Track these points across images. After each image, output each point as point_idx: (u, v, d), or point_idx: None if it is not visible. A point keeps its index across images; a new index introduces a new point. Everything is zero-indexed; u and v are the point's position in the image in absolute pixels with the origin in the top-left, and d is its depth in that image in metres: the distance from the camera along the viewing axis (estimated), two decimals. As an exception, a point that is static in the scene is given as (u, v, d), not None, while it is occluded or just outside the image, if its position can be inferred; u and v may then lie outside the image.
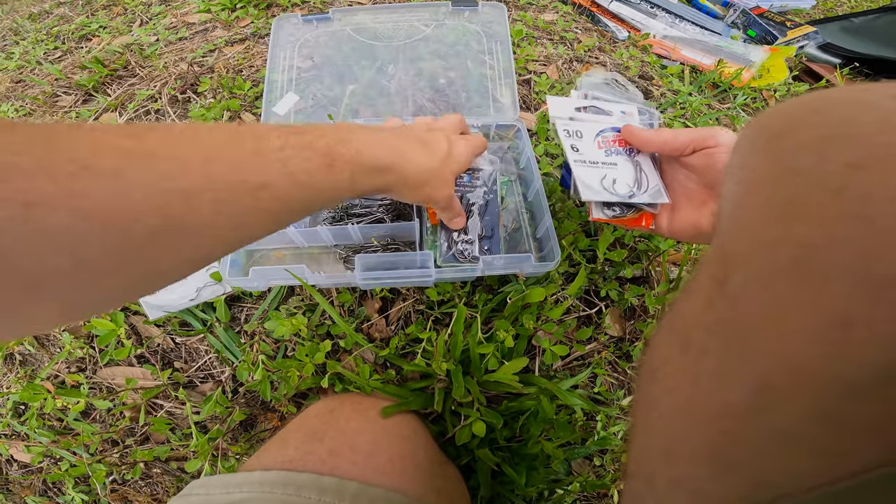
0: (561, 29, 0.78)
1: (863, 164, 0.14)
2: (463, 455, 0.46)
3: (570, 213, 0.52)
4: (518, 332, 0.46)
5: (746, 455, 0.15)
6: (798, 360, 0.14)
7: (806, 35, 0.89)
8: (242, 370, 0.49)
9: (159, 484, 0.59)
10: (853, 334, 0.13)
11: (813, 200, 0.15)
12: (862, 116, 0.15)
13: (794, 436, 0.14)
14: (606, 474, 0.54)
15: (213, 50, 0.76)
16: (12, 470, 0.62)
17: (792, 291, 0.14)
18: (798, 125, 0.17)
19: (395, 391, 0.44)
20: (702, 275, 0.20)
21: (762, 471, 0.15)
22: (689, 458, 0.18)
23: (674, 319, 0.21)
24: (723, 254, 0.18)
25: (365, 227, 0.45)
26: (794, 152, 0.16)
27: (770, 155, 0.17)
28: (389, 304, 0.50)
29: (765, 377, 0.15)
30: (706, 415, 0.17)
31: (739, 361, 0.16)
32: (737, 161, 0.20)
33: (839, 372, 0.13)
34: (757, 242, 0.16)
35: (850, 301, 0.13)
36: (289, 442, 0.37)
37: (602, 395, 0.52)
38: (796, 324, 0.14)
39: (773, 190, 0.16)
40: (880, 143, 0.14)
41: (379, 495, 0.32)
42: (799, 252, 0.14)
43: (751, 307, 0.16)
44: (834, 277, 0.13)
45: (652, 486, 0.19)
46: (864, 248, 0.13)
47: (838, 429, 0.14)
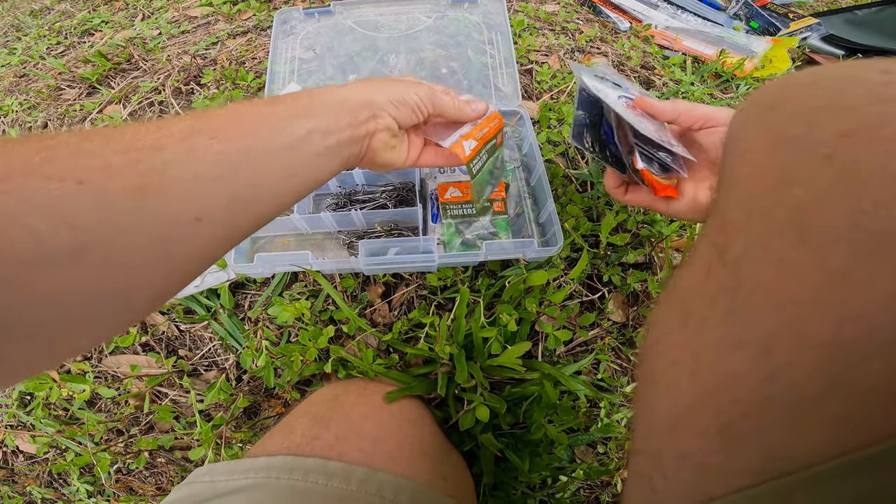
0: (562, 20, 0.78)
1: (853, 132, 0.14)
2: (466, 441, 0.46)
3: (573, 198, 0.52)
4: (521, 315, 0.46)
5: (757, 426, 0.15)
6: (803, 324, 0.14)
7: (809, 27, 0.89)
8: (246, 357, 0.49)
9: (164, 473, 0.60)
10: (857, 294, 0.13)
11: (807, 166, 0.15)
12: (852, 89, 0.15)
13: (805, 404, 0.14)
14: (610, 462, 0.54)
15: (215, 42, 0.76)
16: (18, 461, 0.62)
17: (791, 253, 0.14)
18: (790, 97, 0.17)
19: (399, 376, 0.44)
20: (701, 245, 0.20)
21: (775, 442, 0.15)
22: (696, 432, 0.17)
23: (673, 292, 0.21)
24: (722, 222, 0.18)
25: (368, 213, 0.45)
26: (787, 122, 0.17)
27: (764, 126, 0.18)
28: (392, 289, 0.50)
29: (770, 343, 0.15)
30: (712, 386, 0.17)
31: (743, 329, 0.16)
32: (733, 134, 0.20)
33: (845, 334, 0.13)
34: (755, 208, 0.16)
35: (850, 260, 0.13)
36: (294, 428, 0.36)
37: (605, 381, 0.52)
38: (798, 286, 0.14)
39: (768, 158, 0.17)
40: (869, 113, 0.14)
41: (387, 481, 0.32)
42: (796, 214, 0.15)
43: (752, 272, 0.16)
44: (832, 238, 0.13)
45: (659, 463, 0.19)
46: (861, 208, 0.13)
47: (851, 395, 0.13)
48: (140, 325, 0.53)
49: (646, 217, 0.54)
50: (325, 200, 0.51)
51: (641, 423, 0.22)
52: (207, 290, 0.51)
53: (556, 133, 0.59)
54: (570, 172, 0.56)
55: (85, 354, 0.56)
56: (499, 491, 0.48)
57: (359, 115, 0.31)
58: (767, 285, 0.15)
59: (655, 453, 0.20)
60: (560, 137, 0.59)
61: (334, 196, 0.51)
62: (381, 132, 0.33)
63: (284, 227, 0.49)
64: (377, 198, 0.48)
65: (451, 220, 0.47)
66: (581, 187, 0.56)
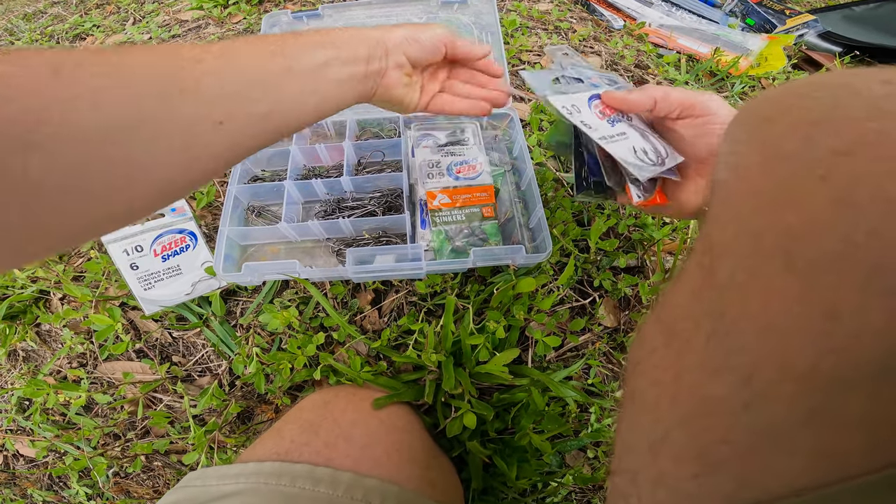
0: (556, 19, 0.77)
1: (850, 149, 0.13)
2: (455, 447, 0.46)
3: (563, 202, 0.52)
4: (509, 322, 0.46)
5: (732, 454, 0.15)
6: (786, 354, 0.14)
7: (805, 23, 0.88)
8: (238, 363, 0.49)
9: (160, 477, 0.60)
10: (843, 326, 0.12)
11: (799, 187, 0.14)
12: (850, 101, 0.14)
13: (782, 434, 0.14)
14: (601, 467, 0.54)
15: (206, 46, 0.76)
16: (18, 464, 0.63)
17: (778, 281, 0.14)
18: (787, 110, 0.17)
19: (388, 383, 0.44)
20: (690, 264, 0.19)
21: (749, 471, 0.15)
22: (672, 455, 0.17)
23: (661, 310, 0.21)
24: (710, 243, 0.18)
25: (356, 221, 0.45)
26: (782, 137, 0.16)
27: (758, 140, 0.17)
28: (382, 296, 0.50)
29: (751, 372, 0.14)
30: (691, 410, 0.17)
31: (725, 355, 0.15)
32: (727, 147, 0.19)
33: (829, 367, 0.13)
34: (744, 231, 0.16)
35: (838, 291, 0.13)
36: (284, 434, 0.37)
37: (596, 386, 0.52)
38: (783, 315, 0.14)
39: (761, 176, 0.16)
40: (868, 129, 0.13)
41: (374, 486, 0.32)
42: (785, 241, 0.14)
43: (737, 298, 0.15)
44: (821, 266, 0.13)
45: (636, 484, 0.19)
46: (852, 236, 0.12)
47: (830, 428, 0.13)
48: (134, 332, 0.54)
49: (637, 221, 0.54)
50: (314, 208, 0.51)
51: (621, 442, 0.21)
52: (199, 297, 0.51)
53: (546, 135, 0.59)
54: (561, 176, 0.56)
55: (80, 361, 0.56)
56: (488, 496, 0.49)
57: (375, 50, 0.33)
58: (751, 313, 0.15)
59: (633, 473, 0.19)
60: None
61: (322, 203, 0.51)
62: (393, 70, 0.34)
63: (274, 236, 0.49)
64: (365, 204, 0.48)
65: (441, 228, 0.47)
66: (571, 192, 0.56)
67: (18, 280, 0.54)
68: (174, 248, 0.50)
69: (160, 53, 0.23)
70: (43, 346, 0.57)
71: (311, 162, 0.55)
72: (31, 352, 0.58)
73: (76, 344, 0.54)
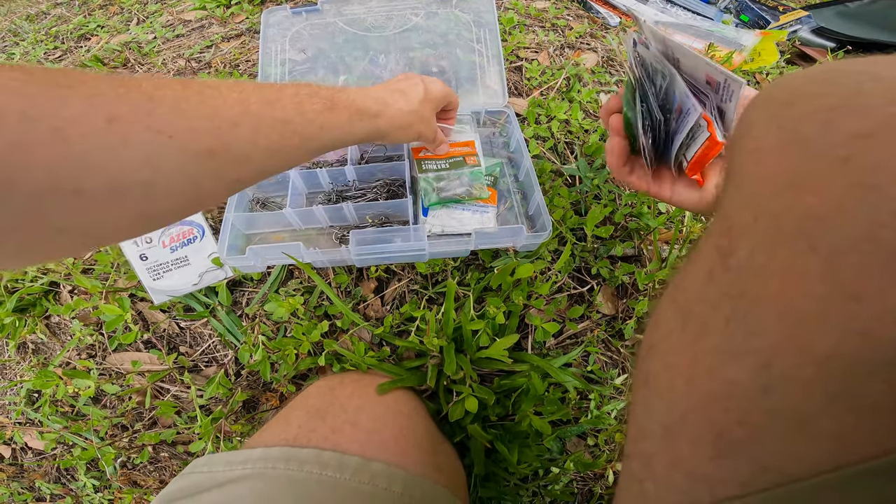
0: (552, 16, 0.79)
1: (871, 133, 0.13)
2: (457, 432, 0.47)
3: (561, 191, 0.53)
4: (509, 308, 0.47)
5: (751, 437, 0.15)
6: (805, 337, 0.13)
7: (799, 19, 0.89)
8: (244, 352, 0.50)
9: (167, 467, 0.61)
10: (865, 309, 0.12)
11: (820, 170, 0.14)
12: (870, 87, 0.14)
13: (802, 418, 0.14)
14: (601, 454, 0.55)
15: (209, 46, 0.77)
16: (27, 457, 0.64)
17: (800, 263, 0.14)
18: (806, 95, 0.16)
19: (391, 369, 0.45)
20: (705, 246, 0.19)
21: (768, 453, 0.15)
22: (689, 438, 0.17)
23: (675, 293, 0.20)
24: (728, 224, 0.18)
25: (359, 206, 0.47)
26: (801, 122, 0.16)
27: (777, 125, 0.17)
28: (385, 284, 0.51)
29: (772, 355, 0.14)
30: (708, 394, 0.16)
31: (743, 337, 0.15)
32: (742, 131, 0.19)
33: (850, 350, 0.13)
34: (763, 212, 0.16)
35: (862, 272, 0.12)
36: (291, 420, 0.38)
37: (595, 373, 0.53)
38: (805, 297, 0.14)
39: (780, 159, 0.16)
40: (890, 114, 0.13)
41: (380, 470, 0.33)
42: (806, 222, 0.14)
43: (756, 280, 0.15)
44: (843, 248, 0.13)
45: (650, 468, 0.19)
46: (875, 218, 0.12)
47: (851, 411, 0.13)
48: (142, 323, 0.55)
49: (633, 210, 0.55)
50: (318, 198, 0.52)
51: (635, 426, 0.21)
52: (206, 287, 0.52)
53: (544, 129, 0.60)
54: (559, 167, 0.57)
55: (89, 353, 0.57)
56: (490, 482, 0.50)
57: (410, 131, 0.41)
58: (771, 295, 0.15)
59: (648, 457, 0.19)
60: (548, 133, 0.59)
61: (326, 193, 0.52)
62: None
63: (278, 224, 0.50)
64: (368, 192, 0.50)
65: (428, 175, 0.49)
66: (569, 181, 0.57)
67: (29, 273, 0.55)
68: (182, 240, 0.51)
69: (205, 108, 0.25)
70: (52, 339, 0.58)
71: (314, 156, 0.57)
72: (41, 344, 0.59)
73: (85, 335, 0.55)
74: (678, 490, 0.17)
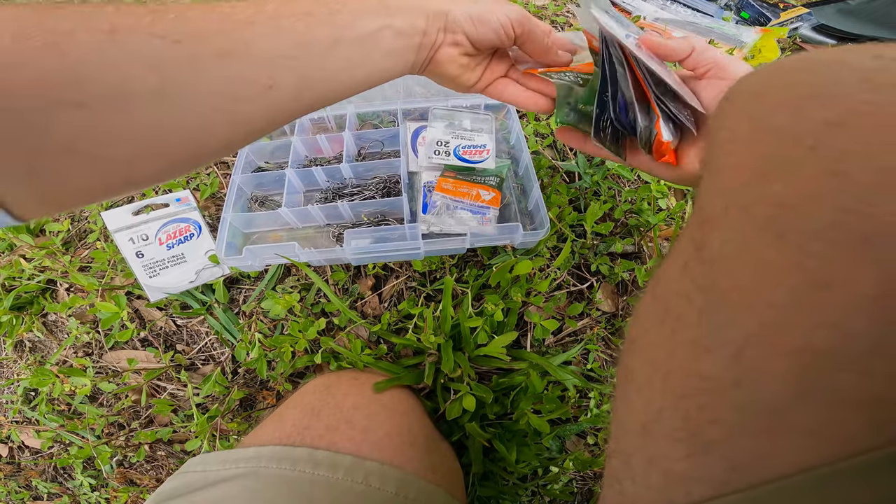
0: (552, 13, 0.79)
1: (841, 121, 0.13)
2: (455, 431, 0.47)
3: (559, 188, 0.52)
4: (508, 306, 0.46)
5: (723, 434, 0.15)
6: (775, 329, 0.13)
7: (800, 16, 0.89)
8: (241, 350, 0.50)
9: (163, 466, 0.61)
10: (834, 297, 0.12)
11: (789, 158, 0.14)
12: (842, 75, 0.14)
13: (773, 413, 0.13)
14: (601, 453, 0.54)
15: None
16: (24, 456, 0.64)
17: (769, 252, 0.14)
18: (778, 85, 0.17)
19: (388, 367, 0.45)
20: (683, 239, 0.19)
21: (740, 452, 0.14)
22: (664, 435, 0.17)
23: (655, 286, 0.20)
24: (702, 216, 0.17)
25: (355, 204, 0.46)
26: (772, 111, 0.16)
27: (748, 115, 0.17)
28: (382, 281, 0.51)
29: (740, 348, 0.14)
30: (682, 390, 0.16)
31: (716, 329, 0.15)
32: (717, 123, 0.19)
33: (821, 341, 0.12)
34: (734, 203, 0.16)
35: (830, 260, 0.12)
36: (286, 418, 0.37)
37: (595, 371, 0.53)
38: (774, 287, 0.13)
39: (750, 149, 0.16)
40: (860, 101, 0.13)
41: (374, 469, 0.33)
42: (775, 211, 0.14)
43: (727, 271, 0.15)
44: (813, 236, 0.13)
45: (629, 466, 0.19)
46: (842, 204, 0.12)
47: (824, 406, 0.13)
48: (139, 320, 0.55)
49: (633, 206, 0.54)
50: (315, 196, 0.52)
51: (617, 423, 0.21)
52: (203, 285, 0.52)
53: (543, 125, 0.60)
54: (557, 163, 0.57)
55: (86, 350, 0.57)
56: (488, 481, 0.49)
57: (434, 23, 0.30)
58: (742, 286, 0.14)
59: (627, 455, 0.19)
60: (547, 129, 0.59)
61: (323, 191, 0.52)
62: (449, 47, 0.31)
63: (275, 223, 0.50)
64: (364, 190, 0.49)
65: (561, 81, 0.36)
66: (568, 178, 0.57)
67: (26, 271, 0.55)
68: (179, 237, 0.51)
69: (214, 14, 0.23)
70: (49, 337, 0.58)
71: (312, 153, 0.56)
72: (38, 342, 0.59)
73: (82, 333, 0.55)
74: (655, 489, 0.17)
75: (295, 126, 0.56)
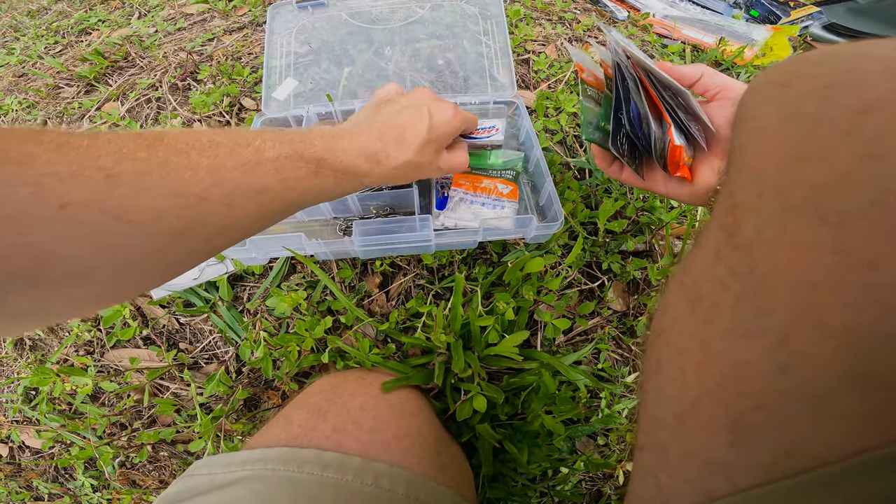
0: (559, 9, 0.78)
1: (871, 108, 0.13)
2: (465, 432, 0.46)
3: (571, 184, 0.51)
4: (518, 304, 0.46)
5: (770, 421, 0.14)
6: (823, 310, 0.13)
7: (810, 15, 0.88)
8: (245, 349, 0.49)
9: (166, 467, 0.60)
10: (881, 276, 0.12)
11: (824, 142, 0.14)
12: (866, 66, 0.15)
13: (822, 398, 0.13)
14: (611, 454, 0.54)
15: (211, 39, 0.76)
16: (24, 456, 0.63)
17: (810, 234, 0.14)
18: (803, 75, 0.17)
19: (396, 366, 0.44)
20: (711, 228, 0.19)
21: (790, 437, 0.14)
22: (703, 425, 0.16)
23: (682, 276, 0.20)
24: (731, 203, 0.18)
25: (363, 196, 0.45)
26: (801, 99, 0.16)
27: (777, 103, 0.17)
28: (390, 279, 0.50)
29: (785, 332, 0.14)
30: (721, 378, 0.16)
31: (755, 316, 0.15)
32: (742, 113, 0.20)
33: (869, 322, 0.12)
34: (768, 187, 0.16)
35: (875, 239, 0.12)
36: (292, 419, 0.37)
37: (606, 371, 0.52)
38: (818, 268, 0.13)
39: (782, 135, 0.16)
40: (886, 89, 0.13)
41: (383, 471, 0.32)
42: (814, 193, 0.14)
43: (765, 255, 0.15)
44: (856, 216, 0.13)
45: (664, 459, 0.18)
46: (883, 185, 0.12)
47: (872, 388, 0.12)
48: (141, 318, 0.54)
49: (645, 204, 0.54)
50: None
51: (646, 416, 0.21)
52: (206, 282, 0.51)
53: (552, 122, 0.59)
54: (569, 160, 0.56)
55: (87, 349, 0.56)
56: (498, 482, 0.48)
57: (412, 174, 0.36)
58: (782, 268, 0.14)
59: (660, 448, 0.19)
60: (557, 126, 0.58)
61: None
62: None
63: (281, 219, 0.49)
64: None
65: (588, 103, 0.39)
66: (579, 175, 0.56)
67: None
68: (182, 233, 0.50)
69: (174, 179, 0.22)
70: (50, 335, 0.57)
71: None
72: (38, 340, 0.58)
73: (83, 331, 0.54)
74: (694, 480, 0.17)
75: (302, 121, 0.55)
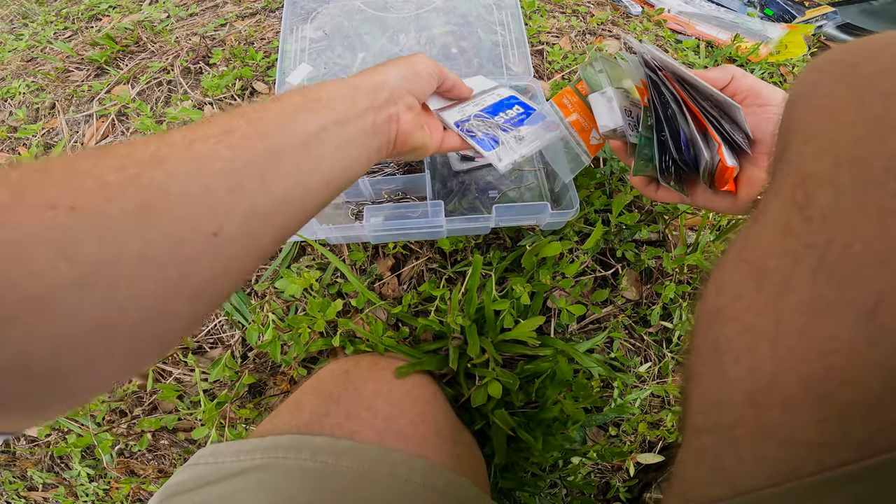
0: (573, 2, 0.78)
1: None
2: (477, 420, 0.45)
3: (587, 171, 0.51)
4: (534, 288, 0.45)
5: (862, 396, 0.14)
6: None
7: (824, 15, 0.88)
8: (252, 332, 0.48)
9: (166, 456, 0.58)
10: None
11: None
12: None
13: None
14: (622, 444, 0.52)
15: (223, 24, 0.76)
16: (19, 444, 0.61)
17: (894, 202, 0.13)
18: (873, 54, 0.17)
19: (409, 351, 0.43)
20: (773, 203, 0.19)
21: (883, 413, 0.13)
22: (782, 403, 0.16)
23: (743, 252, 0.20)
24: (799, 177, 0.17)
25: (375, 181, 0.44)
26: (874, 77, 0.16)
27: (848, 81, 0.17)
28: (402, 262, 0.49)
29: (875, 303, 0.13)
30: (800, 353, 0.15)
31: (838, 288, 0.14)
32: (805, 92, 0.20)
33: None
34: (845, 159, 0.16)
35: None
36: (303, 406, 0.35)
37: (619, 360, 0.51)
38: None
39: (857, 111, 0.16)
40: None
41: (400, 459, 0.31)
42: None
43: (846, 225, 0.15)
44: None
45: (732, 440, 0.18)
46: None
47: None
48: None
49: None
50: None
51: (703, 398, 0.20)
52: (213, 264, 0.50)
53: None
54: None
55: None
56: (509, 472, 0.47)
57: (376, 97, 0.28)
58: (867, 238, 0.14)
59: (726, 429, 0.18)
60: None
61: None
62: (405, 113, 0.31)
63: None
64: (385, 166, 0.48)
65: None
66: (593, 163, 0.55)
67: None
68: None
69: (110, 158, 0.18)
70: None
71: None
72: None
73: (86, 312, 0.53)
74: (772, 461, 0.16)
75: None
